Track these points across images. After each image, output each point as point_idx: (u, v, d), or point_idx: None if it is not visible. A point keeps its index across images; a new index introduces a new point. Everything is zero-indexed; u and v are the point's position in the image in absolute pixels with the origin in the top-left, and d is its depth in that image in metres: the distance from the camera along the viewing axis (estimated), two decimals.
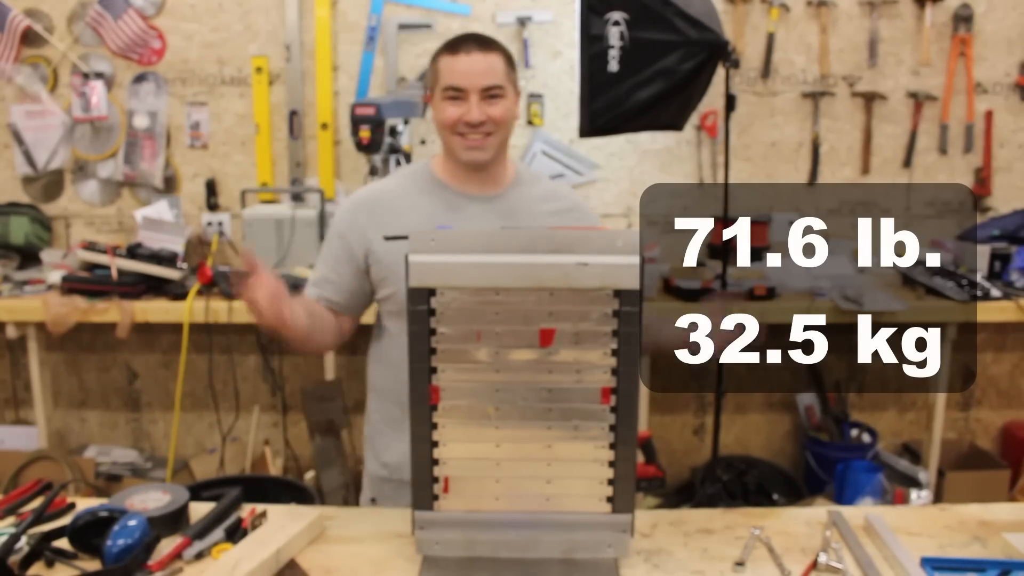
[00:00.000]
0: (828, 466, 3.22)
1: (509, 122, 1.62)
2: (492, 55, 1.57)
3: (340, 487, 3.00)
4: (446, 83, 1.57)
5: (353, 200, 1.68)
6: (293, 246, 3.16)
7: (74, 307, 2.88)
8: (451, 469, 1.28)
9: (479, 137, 1.58)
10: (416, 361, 1.24)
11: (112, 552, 1.25)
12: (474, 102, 1.55)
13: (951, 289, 2.93)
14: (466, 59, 1.55)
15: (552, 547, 1.31)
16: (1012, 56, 3.32)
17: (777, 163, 3.41)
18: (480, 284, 1.22)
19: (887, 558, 1.31)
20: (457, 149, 1.60)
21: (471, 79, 1.55)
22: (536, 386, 1.26)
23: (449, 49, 1.58)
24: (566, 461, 1.28)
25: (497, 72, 1.57)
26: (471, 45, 1.56)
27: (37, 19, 3.30)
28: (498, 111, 1.57)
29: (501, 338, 1.24)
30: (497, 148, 1.61)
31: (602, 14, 2.61)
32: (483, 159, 1.60)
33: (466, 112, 1.55)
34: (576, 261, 1.20)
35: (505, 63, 1.59)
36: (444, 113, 1.58)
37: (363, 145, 2.92)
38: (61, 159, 3.40)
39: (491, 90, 1.56)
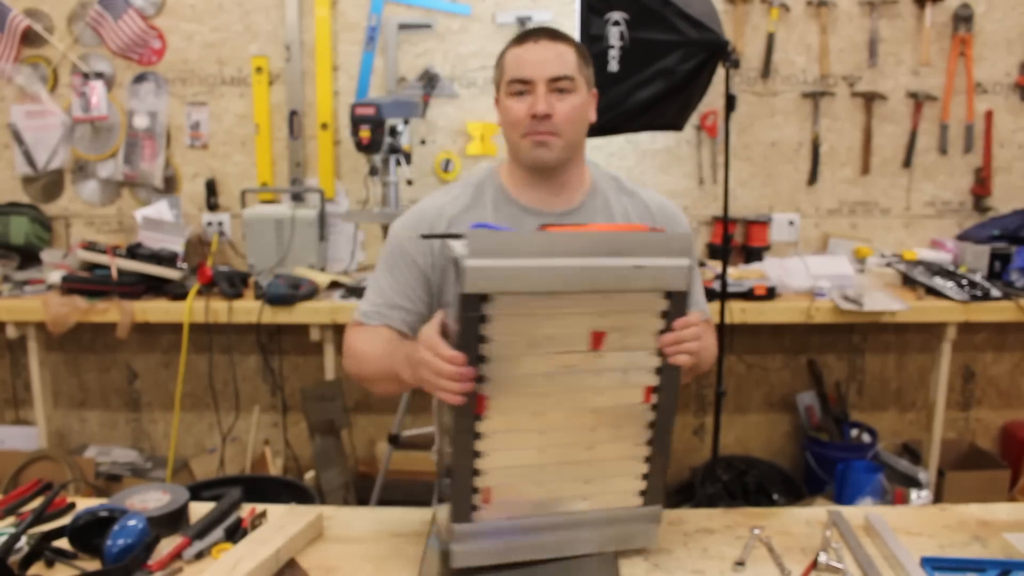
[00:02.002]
0: (828, 466, 3.22)
1: (580, 121, 1.46)
2: (562, 44, 1.44)
3: (340, 487, 3.00)
4: (511, 75, 1.43)
5: (414, 216, 1.51)
6: (293, 246, 3.16)
7: (74, 307, 2.88)
8: (492, 479, 1.24)
9: (545, 133, 1.43)
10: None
11: (112, 552, 1.25)
12: (541, 93, 1.41)
13: (951, 289, 2.94)
14: (533, 47, 1.42)
15: (587, 544, 1.31)
16: (1012, 56, 3.32)
17: (777, 163, 3.41)
18: (537, 288, 1.15)
19: (887, 558, 1.31)
20: (523, 149, 1.45)
21: (537, 68, 1.41)
22: (583, 389, 1.23)
23: (517, 41, 1.46)
24: (605, 460, 1.28)
25: (567, 62, 1.43)
26: (540, 35, 1.44)
27: (37, 19, 3.30)
28: (566, 107, 1.42)
29: (554, 343, 1.20)
30: (565, 150, 1.46)
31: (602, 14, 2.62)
32: (549, 158, 1.45)
33: (532, 105, 1.41)
34: (633, 264, 1.18)
35: (577, 56, 1.45)
36: (509, 111, 1.44)
37: (363, 145, 2.92)
38: (61, 159, 3.40)
39: (559, 81, 1.41)
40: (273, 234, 3.16)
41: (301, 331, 3.02)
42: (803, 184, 3.43)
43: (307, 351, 3.34)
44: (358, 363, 1.46)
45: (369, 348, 1.45)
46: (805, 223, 3.45)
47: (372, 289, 1.53)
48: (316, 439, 3.02)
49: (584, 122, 1.48)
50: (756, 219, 3.36)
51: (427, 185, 3.37)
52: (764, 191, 3.43)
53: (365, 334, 1.48)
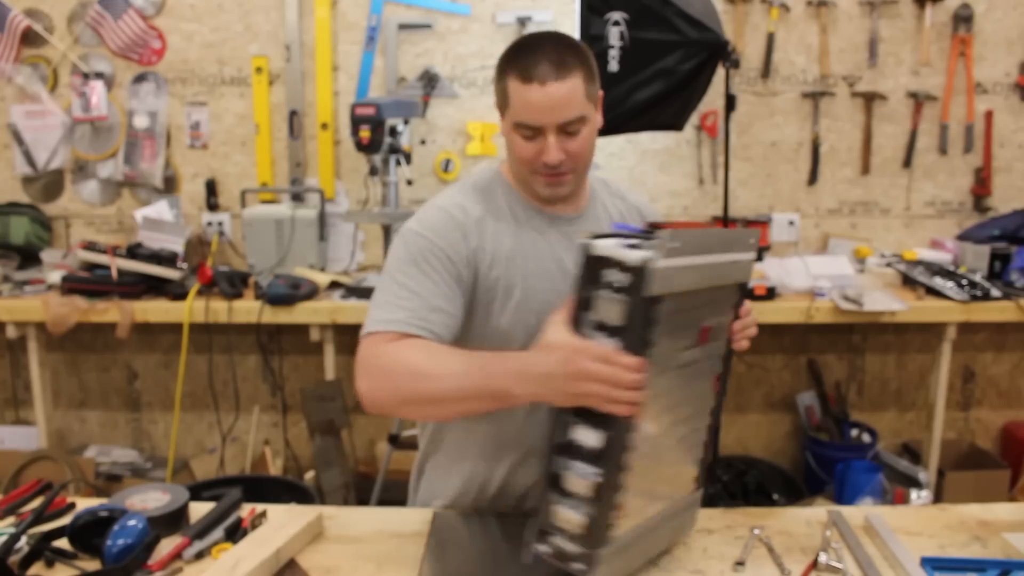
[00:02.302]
0: (828, 466, 3.22)
1: (591, 149, 1.41)
2: (571, 78, 1.32)
3: (340, 487, 3.00)
4: (518, 118, 1.34)
5: (439, 214, 1.40)
6: (293, 246, 3.16)
7: (74, 307, 2.88)
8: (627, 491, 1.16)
9: (558, 175, 1.38)
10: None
11: (112, 552, 1.25)
12: (551, 142, 1.34)
13: (951, 289, 2.94)
14: (540, 92, 1.31)
15: (663, 541, 1.32)
16: (1012, 56, 3.32)
17: (777, 163, 3.41)
18: (689, 287, 1.13)
19: (887, 558, 1.31)
20: (535, 185, 1.41)
21: (546, 115, 1.32)
22: (682, 384, 1.22)
23: (520, 73, 1.32)
24: (683, 450, 1.30)
25: (576, 100, 1.33)
26: (545, 70, 1.31)
27: (37, 19, 3.30)
28: (577, 145, 1.36)
29: (681, 340, 1.17)
30: (580, 179, 1.43)
31: (602, 14, 2.62)
32: (563, 194, 1.42)
33: (543, 151, 1.34)
34: (735, 259, 1.23)
35: (584, 80, 1.34)
36: (518, 148, 1.37)
37: (363, 145, 2.93)
38: (61, 159, 3.40)
39: (570, 125, 1.34)
40: (273, 234, 3.16)
41: (301, 331, 3.02)
42: (803, 184, 3.43)
43: (307, 351, 3.33)
44: (417, 382, 1.22)
45: (435, 363, 1.22)
46: (805, 223, 3.45)
47: (399, 295, 1.33)
48: (316, 439, 3.02)
49: (594, 143, 1.41)
50: (756, 219, 3.37)
51: (427, 185, 3.37)
52: (764, 191, 3.43)
53: (415, 348, 1.26)
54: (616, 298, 1.08)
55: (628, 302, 1.07)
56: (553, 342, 1.13)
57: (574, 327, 1.12)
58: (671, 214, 3.43)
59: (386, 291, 1.35)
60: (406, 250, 1.37)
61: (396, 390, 1.23)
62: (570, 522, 1.14)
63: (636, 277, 1.06)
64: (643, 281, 1.05)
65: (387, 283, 1.36)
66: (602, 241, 1.11)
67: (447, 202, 1.42)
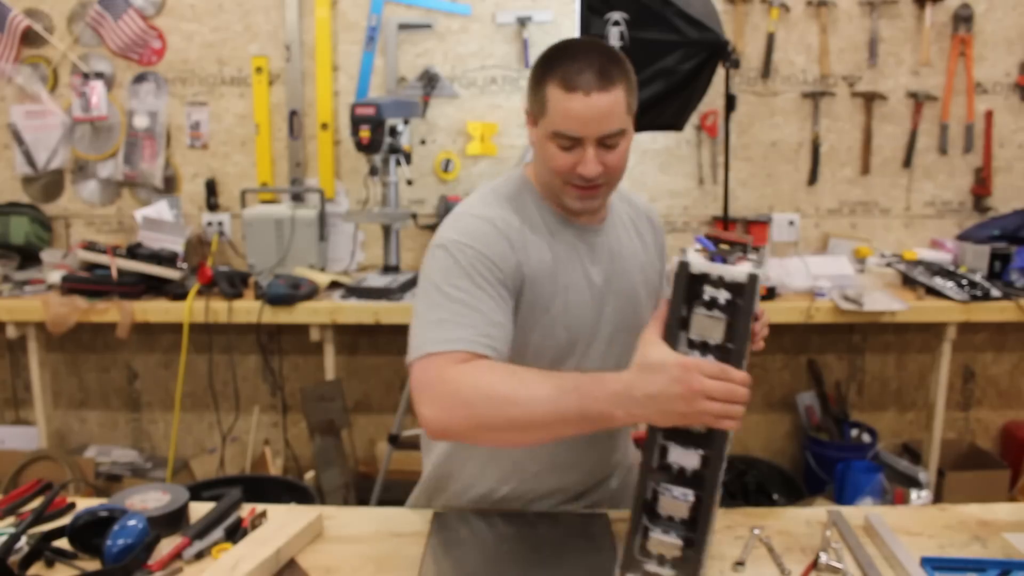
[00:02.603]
0: (828, 466, 3.22)
1: (625, 165, 1.36)
2: (614, 90, 1.27)
3: (340, 487, 3.00)
4: (557, 127, 1.29)
5: (480, 225, 1.33)
6: (293, 246, 3.16)
7: (74, 307, 2.88)
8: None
9: (592, 188, 1.34)
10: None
11: (112, 552, 1.25)
12: (590, 154, 1.29)
13: (951, 289, 2.94)
14: (583, 102, 1.26)
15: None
16: (1012, 56, 3.32)
17: (777, 163, 3.41)
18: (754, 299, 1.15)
19: (887, 558, 1.31)
20: (566, 197, 1.36)
21: (589, 127, 1.27)
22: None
23: (562, 79, 1.27)
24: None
25: (618, 113, 1.29)
26: (590, 80, 1.26)
27: (37, 19, 3.30)
28: (615, 158, 1.32)
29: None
30: (609, 193, 1.39)
31: (602, 14, 2.62)
32: (594, 207, 1.39)
33: (580, 163, 1.30)
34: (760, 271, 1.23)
35: (626, 92, 1.30)
36: (553, 159, 1.32)
37: (363, 145, 2.93)
38: (61, 159, 3.40)
39: (610, 138, 1.30)
40: (273, 234, 3.16)
41: (301, 331, 3.02)
42: (803, 184, 3.43)
43: (307, 351, 3.33)
44: (501, 407, 1.14)
45: (520, 387, 1.15)
46: (805, 223, 3.45)
47: (456, 311, 1.24)
48: (316, 439, 3.02)
49: (628, 157, 1.37)
50: (756, 219, 3.36)
51: (427, 185, 3.37)
52: (764, 191, 3.43)
53: (493, 371, 1.19)
54: (718, 316, 1.06)
55: (731, 319, 1.06)
56: (658, 362, 1.07)
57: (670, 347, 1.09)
58: (671, 214, 3.43)
59: (438, 307, 1.25)
60: (454, 261, 1.28)
61: (473, 417, 1.15)
62: (666, 547, 1.12)
63: (739, 294, 1.05)
64: (747, 297, 1.04)
65: (436, 298, 1.26)
66: (696, 258, 1.09)
67: (483, 212, 1.35)
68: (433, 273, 1.30)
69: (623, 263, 1.46)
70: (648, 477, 1.12)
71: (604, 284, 1.43)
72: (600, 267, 1.43)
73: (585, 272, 1.41)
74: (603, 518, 1.45)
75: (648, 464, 1.11)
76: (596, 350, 1.43)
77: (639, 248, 1.52)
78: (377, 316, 2.85)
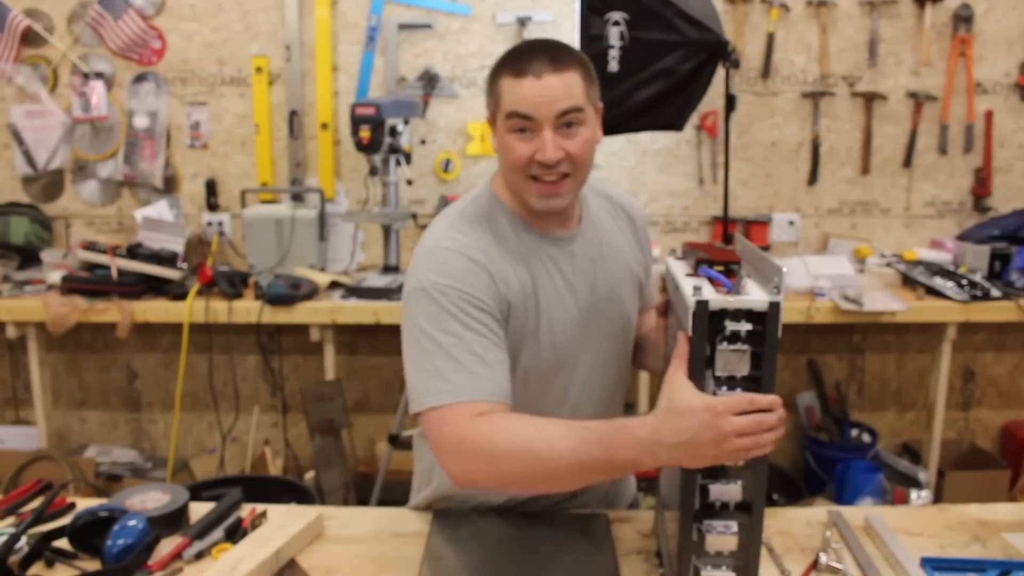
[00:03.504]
0: (828, 466, 3.22)
1: (591, 155, 1.31)
2: (568, 72, 1.25)
3: (340, 487, 3.00)
4: (510, 108, 1.26)
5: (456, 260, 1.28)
6: (293, 246, 3.16)
7: (74, 307, 2.88)
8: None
9: (555, 180, 1.28)
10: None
11: (112, 552, 1.25)
12: (548, 137, 1.25)
13: (951, 289, 2.94)
14: (534, 83, 1.23)
15: None
16: (1012, 56, 3.32)
17: (777, 163, 3.41)
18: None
19: (887, 558, 1.31)
20: (529, 196, 1.31)
21: (542, 107, 1.24)
22: None
23: (512, 68, 1.26)
24: None
25: (574, 92, 1.25)
26: (540, 62, 1.24)
27: (37, 19, 3.30)
28: (577, 144, 1.26)
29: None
30: (575, 190, 1.33)
31: (602, 14, 2.62)
32: (560, 206, 1.32)
33: (538, 149, 1.25)
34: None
35: (583, 79, 1.27)
36: (511, 151, 1.27)
37: (363, 145, 2.93)
38: (61, 159, 3.40)
39: (567, 115, 1.25)
40: (273, 234, 3.16)
41: (301, 331, 3.02)
42: (803, 184, 3.43)
43: (307, 351, 3.34)
44: (527, 462, 1.13)
45: (544, 440, 1.12)
46: (805, 223, 3.45)
47: (457, 358, 1.21)
48: (316, 439, 3.02)
49: (594, 152, 1.32)
50: (756, 219, 3.36)
51: (427, 185, 3.37)
52: (764, 191, 3.43)
53: (513, 424, 1.17)
54: (742, 348, 1.04)
55: (755, 349, 1.04)
56: (686, 407, 1.03)
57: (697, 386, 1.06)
58: (671, 214, 3.43)
59: (432, 356, 1.22)
60: (438, 306, 1.24)
61: (501, 472, 1.15)
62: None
63: (762, 322, 1.03)
64: (770, 324, 1.03)
65: (428, 346, 1.22)
66: (711, 292, 1.07)
67: (456, 243, 1.30)
68: (419, 319, 1.25)
69: (605, 265, 1.43)
70: (691, 520, 1.10)
71: (589, 294, 1.39)
72: (583, 277, 1.39)
73: (568, 287, 1.37)
74: (603, 518, 1.45)
75: (685, 507, 1.09)
76: (584, 362, 1.41)
77: (620, 243, 1.48)
78: (377, 316, 2.85)
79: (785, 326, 1.38)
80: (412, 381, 1.24)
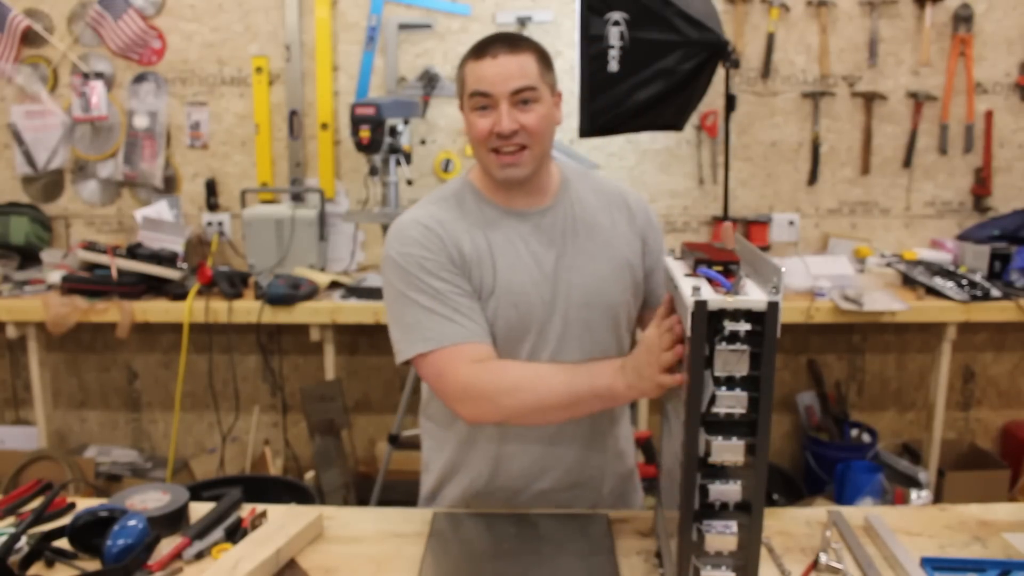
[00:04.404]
0: (828, 466, 3.22)
1: (547, 130, 1.44)
2: (522, 55, 1.40)
3: (340, 487, 3.00)
4: (472, 88, 1.42)
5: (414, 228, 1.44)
6: (293, 246, 3.16)
7: (74, 307, 2.88)
8: None
9: (513, 151, 1.41)
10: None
11: (112, 552, 1.25)
12: (504, 110, 1.39)
13: (951, 289, 2.94)
14: (492, 63, 1.39)
15: None
16: (1012, 56, 3.32)
17: (777, 163, 3.41)
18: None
19: (887, 558, 1.31)
20: (491, 167, 1.45)
21: (498, 84, 1.39)
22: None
23: (474, 54, 1.42)
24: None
25: (528, 72, 1.40)
26: (498, 46, 1.40)
27: (37, 19, 3.30)
28: (532, 118, 1.40)
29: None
30: (534, 162, 1.44)
31: (602, 14, 2.62)
32: (520, 176, 1.44)
33: (496, 122, 1.40)
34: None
35: (538, 63, 1.42)
36: (474, 127, 1.43)
37: (363, 145, 2.92)
38: (61, 159, 3.40)
39: (522, 93, 1.39)
40: (273, 234, 3.16)
41: (301, 331, 3.02)
42: (803, 184, 3.43)
43: (307, 351, 3.34)
44: (526, 396, 1.34)
45: (538, 379, 1.34)
46: (805, 223, 3.45)
47: (428, 309, 1.39)
48: (316, 439, 3.02)
49: (551, 128, 1.46)
50: (756, 219, 3.36)
51: (427, 185, 3.37)
52: (764, 191, 3.43)
53: (508, 368, 1.38)
54: (741, 348, 1.05)
55: (754, 348, 1.04)
56: (640, 342, 1.24)
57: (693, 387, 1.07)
58: (671, 214, 3.43)
59: (411, 308, 1.41)
60: (403, 269, 1.42)
61: (503, 408, 1.35)
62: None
63: (761, 322, 1.03)
64: (769, 324, 1.03)
65: (406, 301, 1.41)
66: (710, 293, 1.07)
67: (415, 215, 1.47)
68: (394, 281, 1.44)
69: (577, 240, 1.49)
70: (692, 521, 1.10)
71: (556, 262, 1.47)
72: (548, 247, 1.47)
73: (531, 252, 1.46)
74: (603, 518, 1.45)
75: (686, 509, 1.10)
76: (554, 326, 1.47)
77: (604, 225, 1.52)
78: (377, 316, 2.85)
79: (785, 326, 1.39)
80: (395, 335, 1.44)
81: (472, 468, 1.54)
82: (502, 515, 1.47)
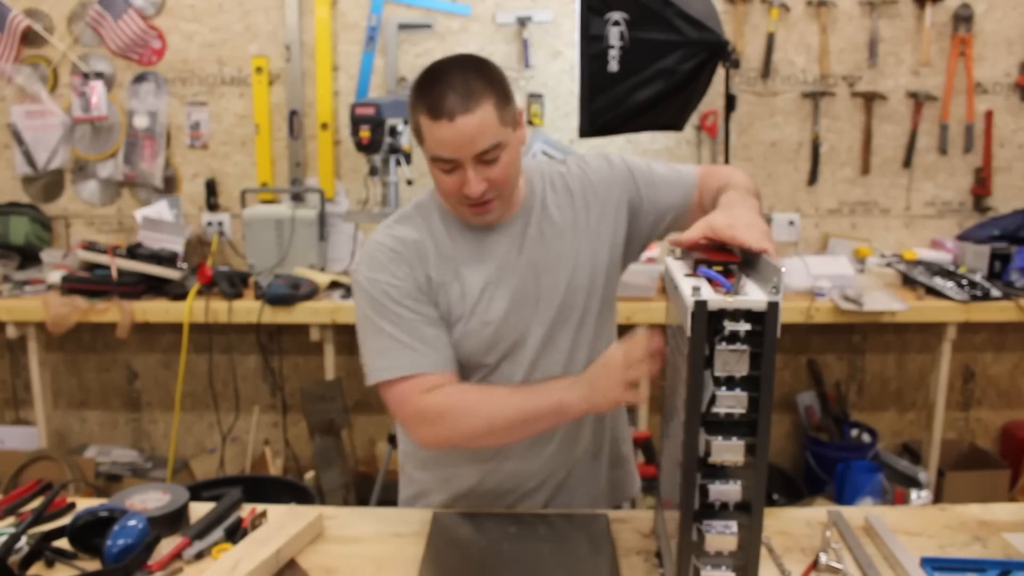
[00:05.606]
0: (828, 466, 3.22)
1: (514, 172, 1.39)
2: (479, 109, 1.29)
3: (340, 487, 3.00)
4: (433, 153, 1.34)
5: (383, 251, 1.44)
6: (293, 246, 3.16)
7: (74, 307, 2.88)
8: None
9: (482, 204, 1.37)
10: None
11: (112, 552, 1.25)
12: (471, 175, 1.33)
13: (951, 289, 2.94)
14: (450, 128, 1.29)
15: None
16: (1012, 56, 3.32)
17: (777, 163, 3.41)
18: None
19: (887, 558, 1.31)
20: (464, 215, 1.42)
21: (461, 149, 1.31)
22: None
23: (427, 106, 1.31)
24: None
25: (488, 129, 1.30)
26: (453, 103, 1.28)
27: (37, 19, 3.30)
28: (498, 171, 1.34)
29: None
30: (507, 201, 1.42)
31: (602, 14, 2.62)
32: (493, 220, 1.42)
33: (463, 184, 1.34)
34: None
35: (496, 107, 1.31)
36: (440, 183, 1.38)
37: (363, 145, 2.92)
38: (61, 159, 3.40)
39: (486, 153, 1.32)
40: (273, 234, 3.16)
41: (301, 331, 3.02)
42: (803, 184, 3.43)
43: (307, 351, 3.34)
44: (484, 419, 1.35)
45: (490, 402, 1.37)
46: (805, 223, 3.45)
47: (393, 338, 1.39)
48: (316, 439, 3.02)
49: (518, 162, 1.40)
50: None
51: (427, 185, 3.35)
52: (764, 191, 3.43)
53: (461, 392, 1.40)
54: (741, 348, 1.04)
55: (753, 348, 1.04)
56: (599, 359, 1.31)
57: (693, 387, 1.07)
58: None
59: (378, 336, 1.41)
60: (370, 297, 1.42)
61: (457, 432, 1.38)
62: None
63: (761, 322, 1.03)
64: (769, 324, 1.02)
65: (372, 330, 1.42)
66: (710, 293, 1.06)
67: (383, 237, 1.47)
68: (363, 306, 1.44)
69: (547, 245, 1.46)
70: (692, 521, 1.10)
71: (527, 269, 1.45)
72: (519, 256, 1.45)
73: (499, 264, 1.44)
74: (603, 518, 1.45)
75: (686, 510, 1.10)
76: (534, 334, 1.46)
77: (571, 220, 1.49)
78: None
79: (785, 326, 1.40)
80: (364, 358, 1.45)
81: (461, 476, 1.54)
82: (502, 515, 1.47)
